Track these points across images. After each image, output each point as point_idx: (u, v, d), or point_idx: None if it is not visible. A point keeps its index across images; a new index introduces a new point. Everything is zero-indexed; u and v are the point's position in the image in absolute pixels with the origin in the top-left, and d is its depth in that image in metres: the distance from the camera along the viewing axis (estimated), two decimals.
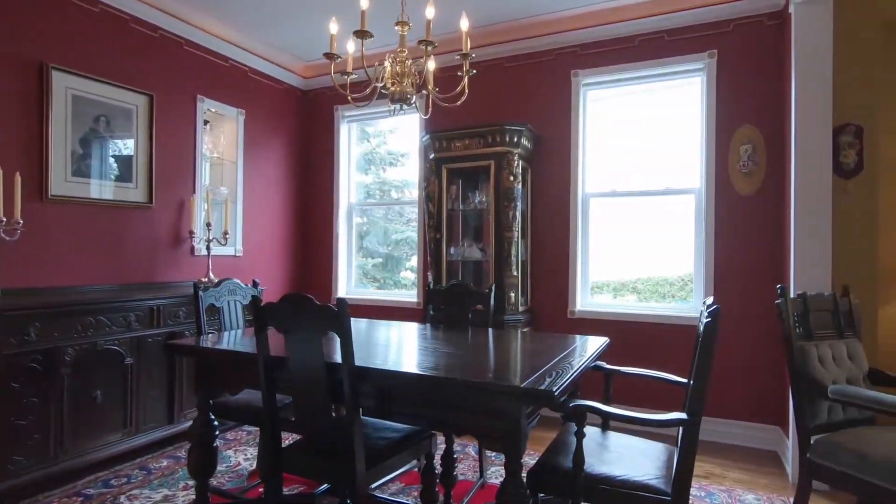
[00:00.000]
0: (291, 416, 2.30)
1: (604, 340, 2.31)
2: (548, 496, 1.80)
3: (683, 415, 1.65)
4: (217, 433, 2.25)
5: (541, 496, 1.81)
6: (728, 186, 3.49)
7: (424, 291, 4.32)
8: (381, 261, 5.16)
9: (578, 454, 1.62)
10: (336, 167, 4.93)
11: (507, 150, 3.68)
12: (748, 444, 3.37)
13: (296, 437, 2.94)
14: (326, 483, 2.53)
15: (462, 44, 2.31)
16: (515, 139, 3.69)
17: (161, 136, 3.66)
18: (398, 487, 2.72)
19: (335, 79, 2.41)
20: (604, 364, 2.22)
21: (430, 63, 2.39)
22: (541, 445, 2.36)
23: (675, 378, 2.12)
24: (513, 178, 3.65)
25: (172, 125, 3.76)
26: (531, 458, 2.95)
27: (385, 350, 2.18)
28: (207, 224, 3.81)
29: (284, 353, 1.81)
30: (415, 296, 4.57)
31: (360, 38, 2.19)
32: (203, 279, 3.76)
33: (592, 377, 2.34)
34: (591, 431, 2.04)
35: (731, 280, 3.48)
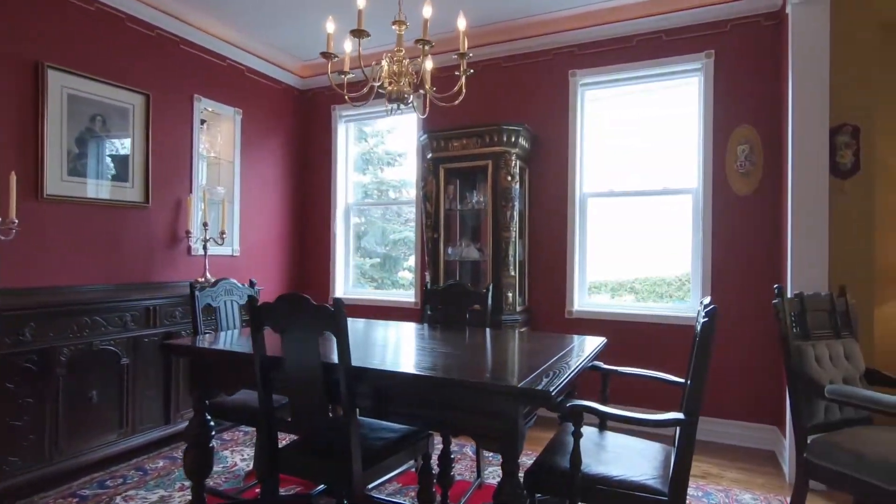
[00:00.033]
0: (288, 417, 2.29)
1: (601, 340, 2.31)
2: (545, 496, 1.80)
3: (680, 415, 1.65)
4: (213, 433, 2.24)
5: (538, 496, 1.81)
6: (725, 186, 3.50)
7: (422, 291, 4.31)
8: (379, 261, 5.15)
9: (575, 454, 1.61)
10: (333, 167, 4.92)
11: (505, 150, 3.67)
12: (745, 444, 3.38)
13: (293, 438, 2.93)
14: (323, 483, 2.52)
15: (459, 43, 2.31)
16: (513, 139, 3.69)
17: (157, 136, 3.65)
18: (395, 488, 2.71)
19: (332, 78, 2.41)
20: (601, 364, 2.22)
21: (428, 62, 2.39)
22: (538, 445, 2.36)
23: (673, 378, 2.12)
24: (510, 178, 3.65)
25: (169, 124, 3.75)
26: (528, 458, 2.96)
27: (382, 350, 2.18)
28: (204, 224, 3.80)
29: (281, 354, 1.81)
30: (412, 296, 4.56)
31: (357, 38, 2.19)
32: (200, 279, 3.75)
33: (590, 377, 2.34)
34: (589, 431, 2.04)
35: (729, 280, 3.48)
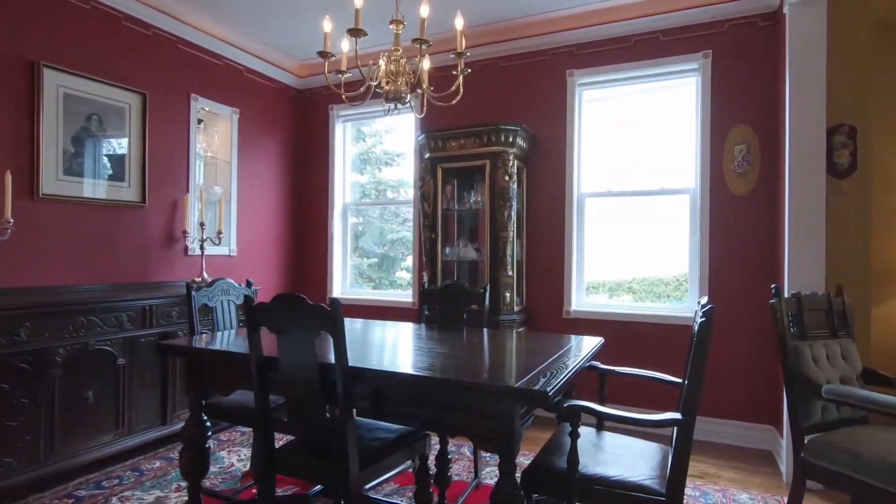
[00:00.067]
0: (284, 417, 2.29)
1: (598, 340, 2.31)
2: (542, 497, 1.80)
3: (678, 415, 1.64)
4: (210, 434, 2.23)
5: (535, 497, 1.80)
6: (722, 186, 3.50)
7: (420, 291, 4.31)
8: (377, 261, 5.15)
9: (573, 455, 1.61)
10: (331, 166, 4.91)
11: (503, 150, 3.67)
12: (742, 444, 3.38)
13: (290, 438, 2.93)
14: (320, 484, 2.52)
15: (457, 43, 2.31)
16: (511, 139, 3.69)
17: (154, 135, 3.64)
18: (392, 488, 2.71)
19: (329, 78, 2.40)
20: (598, 364, 2.22)
21: (425, 62, 2.38)
22: (535, 445, 2.36)
23: (670, 378, 2.12)
24: (508, 178, 3.65)
25: (166, 124, 3.74)
26: (526, 459, 2.96)
27: (380, 350, 2.17)
28: (201, 224, 3.79)
29: (277, 354, 1.80)
30: (410, 296, 4.56)
31: (354, 37, 2.18)
32: (196, 279, 3.73)
33: (587, 377, 2.34)
34: (586, 431, 2.04)
35: (726, 280, 3.48)
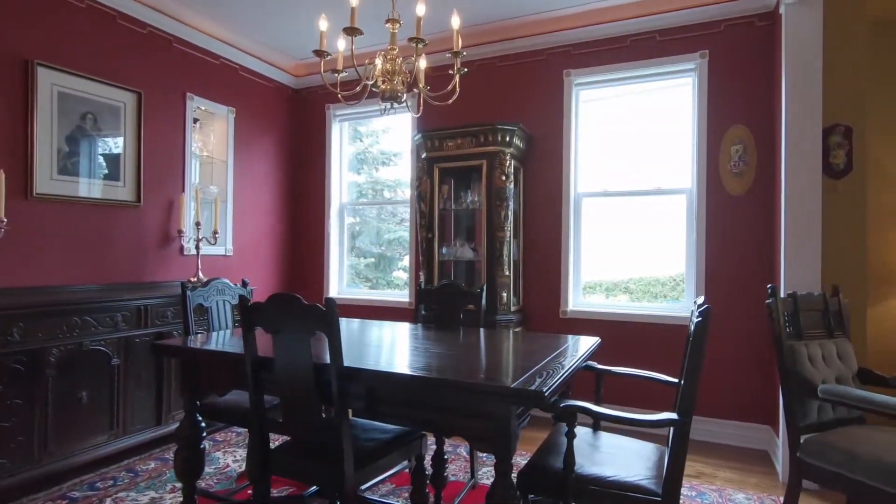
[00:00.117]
0: (280, 418, 2.28)
1: (595, 340, 2.31)
2: (538, 497, 1.79)
3: (674, 415, 1.64)
4: (205, 434, 2.22)
5: (531, 497, 1.80)
6: (719, 186, 3.50)
7: (416, 291, 4.30)
8: (374, 261, 5.14)
9: (569, 455, 1.61)
10: (328, 166, 4.90)
11: (500, 150, 3.67)
12: (739, 444, 3.38)
13: (285, 438, 2.91)
14: (315, 485, 2.51)
15: (453, 42, 2.30)
16: (508, 139, 3.68)
17: (150, 134, 3.62)
18: (389, 489, 2.70)
19: (325, 76, 2.39)
20: (595, 364, 2.22)
21: (421, 61, 2.37)
22: (532, 445, 2.35)
23: (666, 378, 2.12)
24: (505, 178, 3.64)
25: (161, 123, 3.72)
26: (523, 459, 2.95)
27: (376, 350, 2.16)
28: (197, 223, 3.78)
29: (272, 354, 1.79)
30: (407, 296, 4.55)
31: (350, 36, 2.17)
32: (192, 279, 3.72)
33: (584, 377, 2.34)
34: (582, 432, 2.03)
35: (722, 280, 3.49)
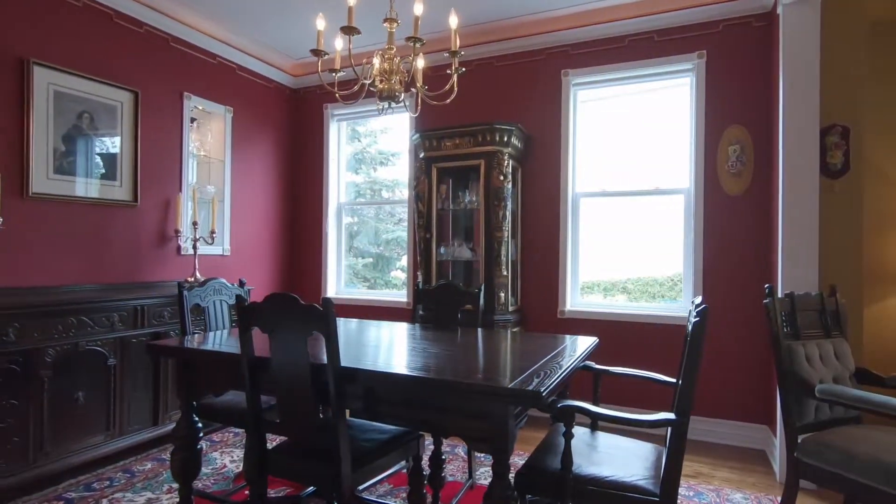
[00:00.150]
0: (277, 418, 2.27)
1: (593, 340, 2.31)
2: (536, 497, 1.79)
3: (672, 415, 1.64)
4: (202, 435, 2.21)
5: (529, 497, 1.80)
6: (716, 186, 3.51)
7: (414, 291, 4.30)
8: (372, 261, 5.13)
9: (566, 455, 1.60)
10: (326, 166, 4.89)
11: (498, 150, 3.66)
12: (736, 444, 3.39)
13: (283, 439, 2.91)
14: (312, 485, 2.50)
15: (451, 42, 2.29)
16: (506, 138, 3.68)
17: (147, 134, 3.61)
18: (386, 489, 2.69)
19: (322, 76, 2.39)
20: (593, 364, 2.21)
21: (419, 61, 2.37)
22: (530, 445, 2.35)
23: (664, 378, 2.12)
24: (503, 178, 3.64)
25: (158, 122, 3.71)
26: (520, 459, 2.95)
27: (374, 350, 2.16)
28: (194, 223, 3.76)
29: (269, 354, 1.78)
30: (405, 296, 4.55)
31: (348, 35, 2.17)
32: (189, 279, 3.71)
33: (582, 377, 2.33)
34: (580, 432, 2.03)
35: (720, 280, 3.49)
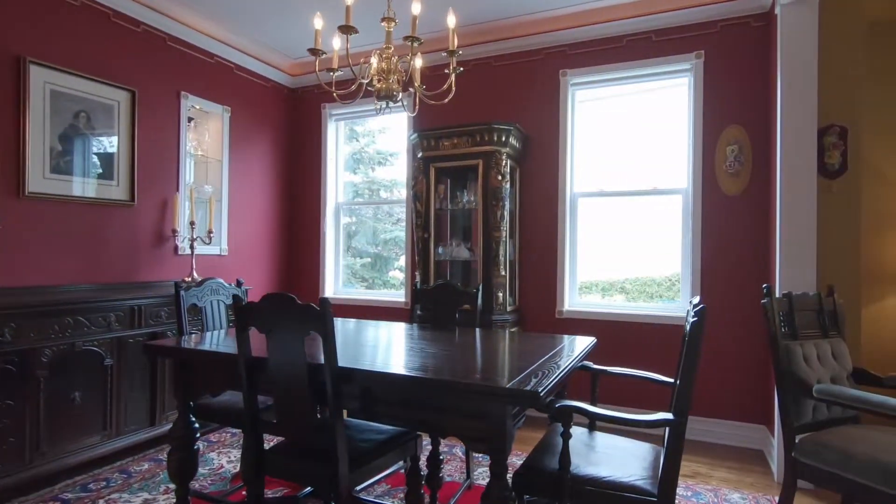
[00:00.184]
0: (274, 418, 2.26)
1: (591, 340, 2.31)
2: (534, 497, 1.78)
3: (670, 415, 1.64)
4: (199, 435, 2.20)
5: (527, 497, 1.79)
6: (715, 186, 3.51)
7: (412, 291, 4.29)
8: (370, 260, 5.12)
9: (564, 455, 1.60)
10: (324, 166, 4.88)
11: (496, 150, 3.66)
12: (734, 444, 3.39)
13: (280, 439, 2.90)
14: (310, 486, 2.49)
15: (449, 41, 2.29)
16: (504, 138, 3.68)
17: (144, 133, 3.59)
18: (384, 489, 2.69)
19: (320, 75, 2.38)
20: (591, 364, 2.21)
21: (417, 60, 2.36)
22: (528, 446, 2.35)
23: (662, 378, 2.12)
24: (501, 178, 3.64)
25: (156, 122, 3.70)
26: (518, 459, 2.95)
27: (371, 350, 2.15)
28: (191, 223, 3.75)
29: (266, 354, 1.77)
30: (403, 296, 4.54)
31: (345, 34, 2.16)
32: (186, 279, 3.70)
33: (580, 377, 2.33)
34: (578, 432, 2.03)
35: (718, 280, 3.49)
